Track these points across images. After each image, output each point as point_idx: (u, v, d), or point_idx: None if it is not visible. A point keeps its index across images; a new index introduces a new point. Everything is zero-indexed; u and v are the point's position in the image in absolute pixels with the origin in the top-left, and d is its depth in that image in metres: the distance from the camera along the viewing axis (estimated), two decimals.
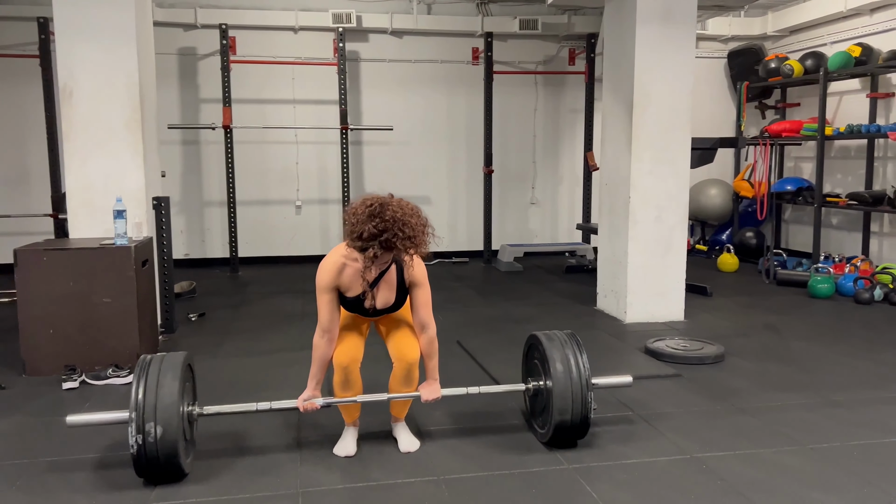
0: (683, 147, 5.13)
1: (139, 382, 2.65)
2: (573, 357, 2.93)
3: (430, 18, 8.02)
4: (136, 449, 2.58)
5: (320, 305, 2.78)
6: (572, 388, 2.86)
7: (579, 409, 2.87)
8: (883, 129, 6.44)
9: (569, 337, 3.03)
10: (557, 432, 2.90)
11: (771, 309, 5.66)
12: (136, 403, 2.60)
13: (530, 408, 3.19)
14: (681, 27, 5.00)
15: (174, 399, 2.63)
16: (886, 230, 7.08)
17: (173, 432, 2.60)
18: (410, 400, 3.01)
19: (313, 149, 8.11)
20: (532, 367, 3.13)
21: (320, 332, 2.80)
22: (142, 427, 2.57)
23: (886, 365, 4.13)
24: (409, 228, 2.53)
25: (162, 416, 2.59)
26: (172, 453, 2.61)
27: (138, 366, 2.73)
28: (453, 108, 8.33)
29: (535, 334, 3.09)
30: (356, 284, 2.78)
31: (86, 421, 2.77)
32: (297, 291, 6.53)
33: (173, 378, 2.68)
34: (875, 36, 7.07)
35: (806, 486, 2.62)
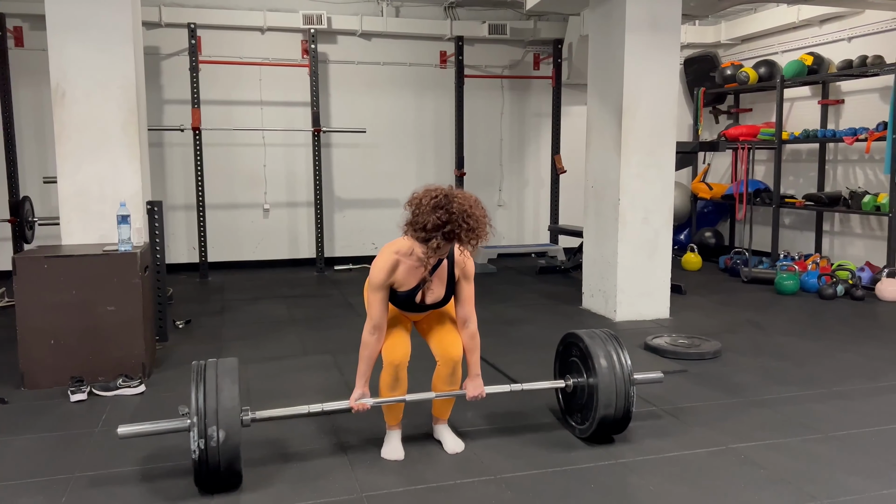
0: (669, 151, 5.33)
1: (198, 387, 2.60)
2: (615, 353, 3.02)
3: (399, 21, 8.03)
4: (199, 455, 2.53)
5: (372, 302, 2.77)
6: (616, 383, 2.96)
7: (623, 404, 2.97)
8: (838, 133, 6.83)
9: (609, 335, 3.12)
10: (601, 427, 2.99)
11: (745, 305, 5.93)
12: (197, 408, 2.54)
13: (566, 405, 3.26)
14: (666, 34, 5.19)
15: (235, 403, 2.59)
16: (837, 229, 7.51)
17: (235, 436, 2.56)
18: (454, 399, 3.04)
19: (281, 151, 8.00)
20: (570, 365, 3.20)
21: (371, 329, 2.80)
22: (204, 432, 2.52)
23: (872, 357, 4.40)
24: (474, 220, 2.54)
25: (224, 421, 2.54)
26: (234, 458, 2.57)
27: (194, 371, 2.69)
28: (422, 111, 8.37)
29: (574, 333, 3.18)
30: (410, 280, 2.79)
31: (139, 431, 2.68)
32: (277, 297, 6.42)
33: (232, 382, 2.64)
34: (824, 46, 7.50)
35: (841, 471, 2.79)
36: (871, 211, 6.50)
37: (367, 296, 2.80)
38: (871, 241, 7.11)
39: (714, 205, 8.74)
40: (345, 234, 8.25)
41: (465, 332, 2.92)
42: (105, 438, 3.17)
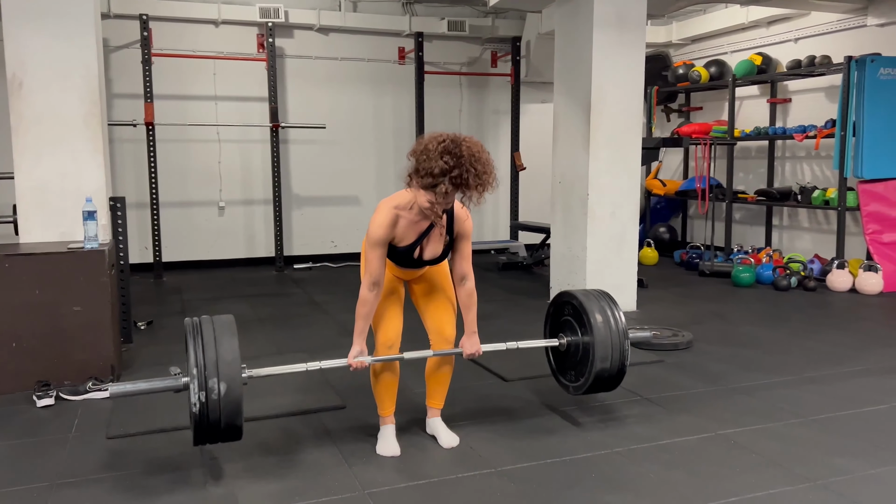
0: (635, 146, 5.42)
1: (195, 341, 2.52)
2: (609, 309, 3.08)
3: (357, 16, 7.94)
4: (199, 408, 2.45)
5: (371, 259, 2.70)
6: (611, 338, 3.02)
7: (618, 358, 3.03)
8: (788, 131, 7.08)
9: (601, 293, 3.18)
10: (596, 382, 3.06)
11: (706, 298, 6.08)
12: (196, 361, 2.46)
13: (559, 364, 3.30)
14: (632, 32, 5.28)
15: (236, 356, 2.52)
16: (786, 223, 7.78)
17: (237, 389, 2.49)
18: (447, 388, 3.03)
19: (236, 147, 7.81)
20: (563, 324, 3.24)
21: (369, 286, 2.72)
22: (204, 385, 2.44)
23: (834, 344, 4.57)
24: (482, 165, 2.50)
25: (225, 373, 2.48)
26: (236, 412, 2.50)
27: (189, 327, 2.60)
28: (380, 108, 8.29)
29: (567, 291, 3.25)
30: (409, 235, 2.74)
31: (130, 390, 2.59)
32: (239, 296, 6.26)
33: (231, 335, 2.57)
34: (771, 46, 7.75)
35: (828, 454, 2.88)
36: (820, 205, 6.75)
37: (366, 252, 2.73)
38: (818, 235, 7.39)
39: (667, 201, 8.94)
40: (303, 233, 8.11)
41: (462, 289, 2.89)
42: (81, 444, 3.02)
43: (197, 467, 2.79)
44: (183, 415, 3.31)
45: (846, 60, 6.31)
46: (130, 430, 3.15)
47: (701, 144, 6.90)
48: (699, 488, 2.58)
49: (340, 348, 4.50)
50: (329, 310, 5.73)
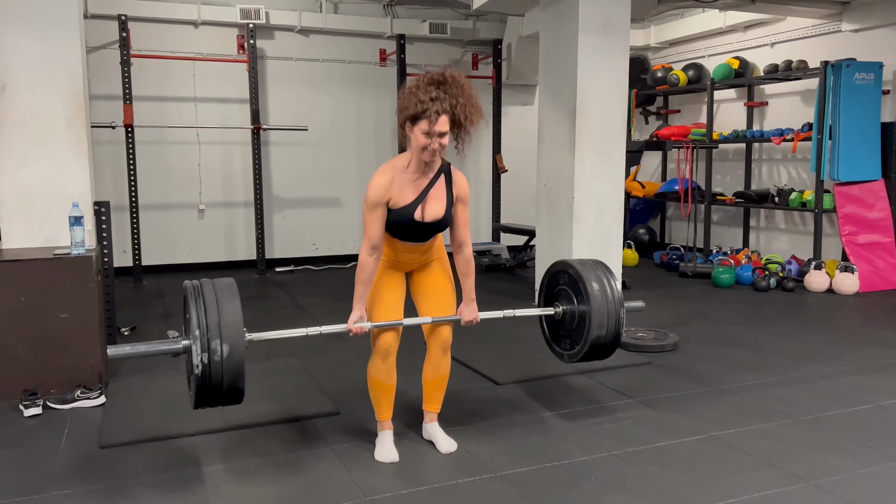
0: (620, 149, 5.47)
1: (197, 303, 2.50)
2: (605, 278, 3.12)
3: (338, 18, 7.91)
4: (202, 370, 2.43)
5: (370, 222, 2.72)
6: (608, 306, 3.05)
7: (614, 325, 3.07)
8: (766, 134, 7.20)
9: (597, 263, 3.22)
10: (592, 349, 3.10)
11: (688, 298, 6.16)
12: (199, 322, 2.45)
13: (553, 333, 3.34)
14: (617, 36, 5.33)
15: (238, 318, 2.52)
16: (763, 225, 7.91)
17: (240, 351, 2.48)
18: (444, 392, 3.04)
19: (216, 149, 7.73)
20: (559, 293, 3.27)
21: (369, 250, 2.74)
22: (207, 346, 2.42)
23: (817, 343, 4.66)
24: (466, 90, 2.65)
25: (228, 335, 2.46)
26: (239, 375, 2.50)
27: (189, 289, 2.59)
28: (362, 109, 8.27)
29: (563, 261, 3.29)
30: (407, 194, 2.75)
31: (130, 352, 2.59)
32: None
33: (233, 297, 2.56)
34: (748, 50, 7.88)
35: (820, 453, 2.94)
36: (797, 207, 6.88)
37: (364, 216, 2.74)
38: (795, 236, 7.52)
39: (646, 202, 9.03)
40: (284, 235, 8.05)
41: (460, 256, 2.93)
42: (74, 454, 2.97)
43: (195, 475, 2.76)
44: (175, 422, 3.28)
45: (822, 65, 6.43)
46: (123, 438, 3.11)
47: (684, 148, 6.98)
48: (698, 490, 2.62)
49: (329, 351, 4.52)
50: (314, 313, 5.70)
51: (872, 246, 6.48)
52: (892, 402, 3.54)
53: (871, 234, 6.48)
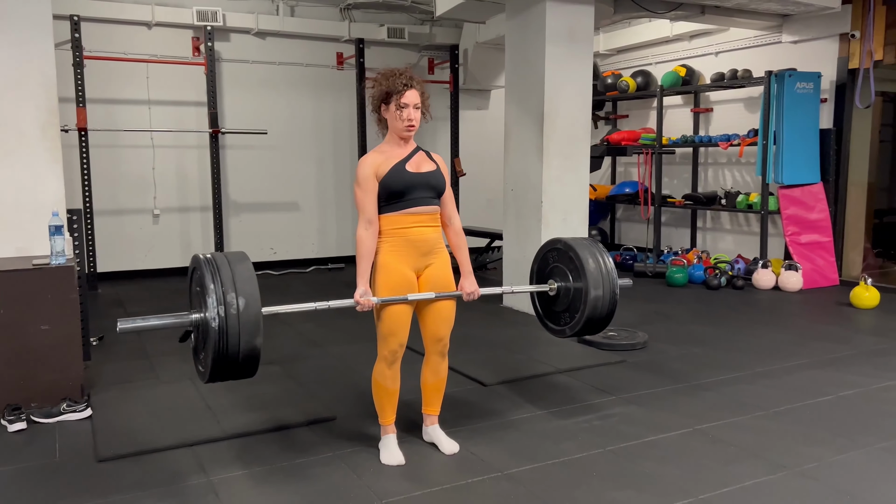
0: (584, 155, 5.66)
1: (208, 267, 2.51)
2: (599, 255, 3.26)
3: (296, 21, 7.88)
4: (218, 324, 2.42)
5: (362, 197, 2.84)
6: (603, 282, 3.19)
7: (609, 299, 3.21)
8: (714, 139, 7.54)
9: (591, 240, 3.36)
10: (587, 323, 3.23)
11: (647, 298, 6.41)
12: (213, 280, 2.45)
13: (546, 309, 3.46)
14: (581, 45, 5.51)
15: (252, 274, 2.55)
16: (709, 226, 8.28)
17: (256, 304, 2.49)
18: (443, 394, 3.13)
19: (171, 153, 7.59)
20: (552, 271, 3.39)
21: (365, 225, 2.85)
22: (222, 298, 2.42)
23: (774, 339, 4.94)
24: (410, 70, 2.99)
25: (242, 288, 2.47)
26: (255, 330, 2.49)
27: (200, 262, 2.58)
28: (319, 113, 8.25)
29: (557, 239, 3.41)
30: (393, 158, 2.89)
31: (141, 326, 2.57)
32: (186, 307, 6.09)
33: (243, 259, 2.61)
34: (694, 59, 8.23)
35: (797, 443, 3.15)
36: (744, 209, 7.24)
37: (357, 196, 2.87)
38: (739, 236, 7.90)
39: (596, 205, 9.28)
40: (241, 240, 7.96)
41: (451, 229, 3.07)
42: (71, 469, 2.93)
43: (204, 485, 2.76)
44: (171, 432, 3.26)
45: (767, 74, 6.79)
46: (120, 451, 3.07)
47: (643, 153, 7.24)
48: (695, 482, 2.78)
49: (309, 358, 4.54)
50: (285, 318, 5.67)
51: (813, 245, 6.88)
52: (851, 392, 3.81)
53: (811, 234, 6.87)
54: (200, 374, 2.66)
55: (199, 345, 2.65)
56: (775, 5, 6.35)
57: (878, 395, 3.76)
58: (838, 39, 6.81)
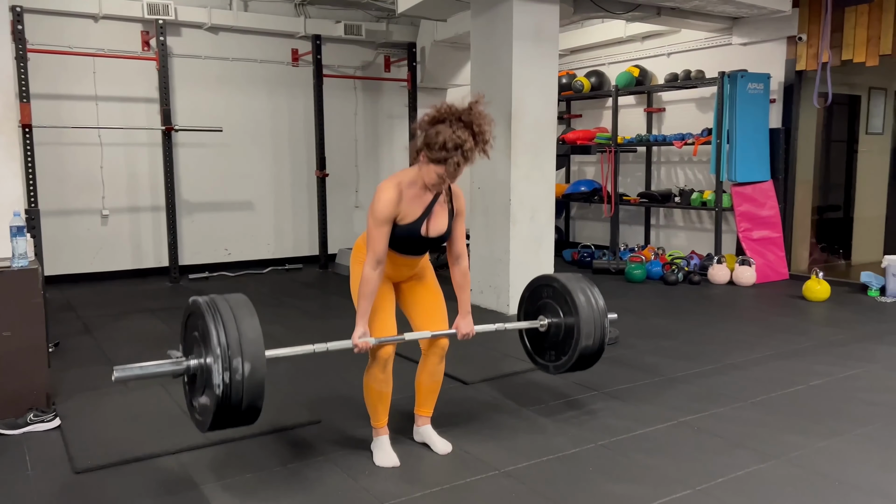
0: (551, 153, 5.71)
1: (214, 320, 2.40)
2: (589, 290, 3.27)
3: (250, 16, 7.70)
4: (223, 390, 2.34)
5: (376, 237, 2.70)
6: (594, 316, 3.20)
7: (599, 335, 3.23)
8: (668, 138, 7.71)
9: (578, 276, 3.38)
10: (580, 359, 3.23)
11: (609, 294, 6.37)
12: (219, 340, 2.36)
13: (536, 346, 3.45)
14: (547, 45, 5.55)
15: (258, 334, 2.45)
16: (663, 223, 8.47)
17: (261, 368, 2.42)
18: (437, 395, 3.09)
19: (120, 151, 7.31)
20: (542, 307, 3.39)
21: (373, 264, 2.72)
22: (229, 365, 2.34)
23: (736, 332, 5.09)
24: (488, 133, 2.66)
25: (249, 352, 2.39)
26: (259, 394, 2.43)
27: (203, 307, 2.46)
28: (275, 110, 8.09)
29: (546, 275, 3.42)
30: (414, 209, 2.76)
31: (137, 374, 2.45)
32: (143, 311, 5.89)
33: (250, 314, 2.49)
34: (646, 59, 8.40)
35: (779, 431, 3.24)
36: (698, 206, 7.42)
37: (370, 230, 2.72)
38: (692, 233, 8.11)
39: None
40: (195, 241, 7.73)
41: (458, 268, 2.97)
42: (49, 482, 2.78)
43: (195, 496, 2.66)
44: (151, 440, 3.13)
45: (720, 75, 6.98)
46: (100, 461, 2.93)
47: (606, 152, 7.35)
48: (688, 472, 2.83)
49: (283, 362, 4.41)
50: None
51: (764, 241, 7.11)
52: (819, 382, 3.94)
53: (763, 230, 7.10)
54: (197, 424, 2.55)
55: (194, 392, 2.55)
56: (730, 8, 6.54)
57: (845, 384, 3.91)
58: (786, 42, 7.05)
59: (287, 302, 6.25)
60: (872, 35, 6.36)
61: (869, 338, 4.88)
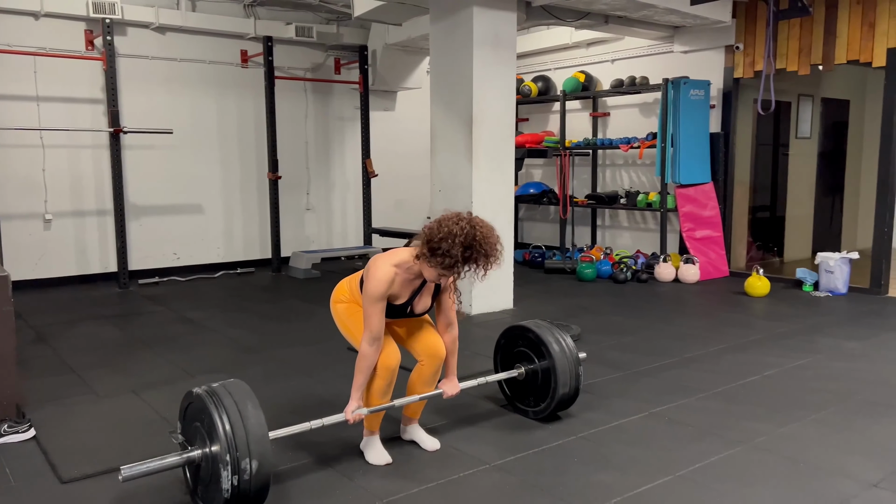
0: (510, 156, 5.85)
1: (220, 414, 2.39)
2: (561, 339, 3.39)
3: (198, 16, 7.57)
4: (232, 491, 2.34)
5: (371, 314, 2.77)
6: (568, 364, 3.32)
7: (574, 382, 3.35)
8: (615, 142, 7.98)
9: (550, 323, 3.48)
10: (559, 404, 3.34)
11: (564, 293, 6.71)
12: (226, 437, 2.36)
13: (515, 392, 3.54)
14: (505, 50, 5.69)
15: (265, 430, 2.44)
16: (608, 223, 8.75)
17: (268, 465, 2.42)
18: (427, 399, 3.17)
19: (63, 153, 7.09)
20: (518, 355, 3.49)
21: (370, 341, 2.78)
22: (237, 467, 2.34)
23: (689, 327, 5.34)
24: (495, 252, 2.71)
25: (256, 449, 2.39)
26: (264, 488, 2.43)
27: (206, 399, 2.45)
28: (224, 112, 7.98)
29: (518, 325, 3.50)
30: (404, 292, 2.88)
31: (144, 471, 2.40)
32: (97, 318, 5.75)
33: (254, 406, 2.48)
34: (591, 65, 8.67)
35: (742, 419, 3.45)
36: (644, 207, 7.72)
37: (365, 308, 2.79)
38: (636, 233, 8.42)
39: None
40: (142, 245, 7.55)
41: (448, 335, 3.06)
42: (36, 494, 2.73)
43: (185, 501, 2.65)
44: (135, 447, 3.10)
45: (664, 82, 7.28)
46: (87, 470, 2.88)
47: (562, 155, 7.54)
48: (667, 460, 2.99)
49: (251, 365, 4.41)
50: (210, 326, 5.48)
51: (706, 240, 7.46)
52: (772, 372, 4.20)
53: (705, 230, 7.44)
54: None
55: (199, 481, 2.54)
56: (675, 18, 6.84)
57: (796, 374, 4.17)
58: (724, 51, 7.41)
59: (246, 307, 6.19)
60: (804, 46, 6.76)
61: (810, 330, 5.21)
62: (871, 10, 6.30)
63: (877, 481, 2.79)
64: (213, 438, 2.41)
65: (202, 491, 2.53)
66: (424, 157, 9.49)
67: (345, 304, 3.08)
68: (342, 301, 3.08)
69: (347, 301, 3.07)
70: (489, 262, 2.70)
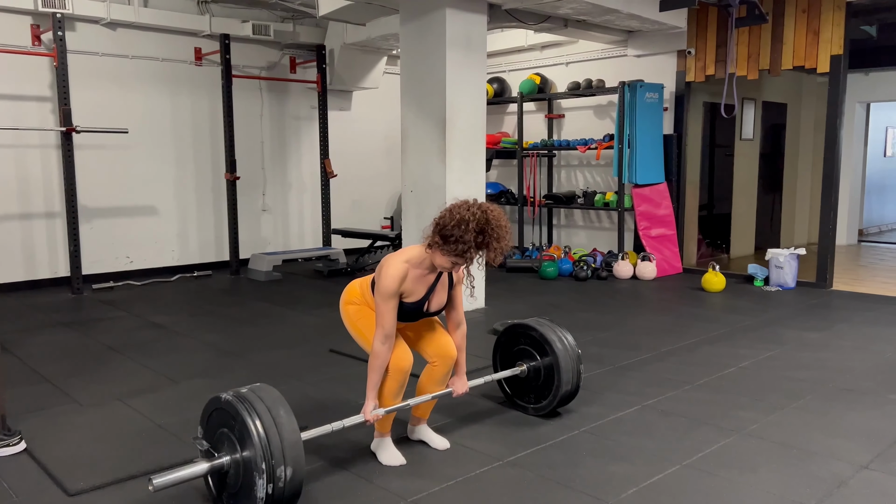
0: (481, 156, 5.92)
1: (253, 420, 2.35)
2: (563, 336, 3.46)
3: (151, 12, 7.36)
4: (266, 500, 2.31)
5: (383, 312, 2.77)
6: (570, 362, 3.40)
7: (575, 379, 3.43)
8: (572, 143, 8.16)
9: (551, 321, 3.55)
10: (561, 401, 3.41)
11: (531, 291, 6.82)
12: (261, 444, 2.32)
13: (516, 389, 3.60)
14: (476, 52, 5.75)
15: (298, 436, 2.41)
16: (564, 223, 8.94)
17: (301, 471, 2.40)
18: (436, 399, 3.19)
19: (9, 153, 6.78)
20: (520, 352, 3.55)
21: (383, 339, 2.79)
22: (272, 475, 2.31)
23: (658, 322, 5.53)
24: (505, 237, 2.75)
25: (290, 456, 2.36)
26: (297, 495, 2.41)
27: (237, 404, 2.40)
28: (178, 111, 7.77)
29: (520, 323, 3.54)
30: (418, 289, 2.88)
31: (175, 479, 2.35)
32: (58, 325, 5.52)
33: (287, 412, 2.45)
34: (546, 68, 8.83)
35: (729, 409, 3.61)
36: (601, 207, 7.92)
37: (378, 306, 2.80)
38: (592, 232, 8.63)
39: None
40: (94, 249, 7.28)
41: (458, 332, 3.09)
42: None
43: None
44: (140, 456, 3.02)
45: (620, 85, 7.49)
46: (94, 482, 2.79)
47: (530, 157, 7.64)
48: (670, 450, 3.11)
49: (235, 370, 4.33)
50: (181, 330, 5.33)
51: (661, 238, 7.71)
52: (747, 363, 4.40)
53: (660, 228, 7.70)
54: None
55: (225, 488, 2.49)
56: (635, 23, 7.05)
57: (768, 364, 4.38)
58: (676, 55, 7.68)
59: (213, 310, 6.05)
60: (753, 52, 7.08)
61: (770, 323, 5.47)
62: (815, 18, 6.65)
63: (866, 463, 2.97)
64: (244, 445, 2.37)
65: (228, 499, 2.48)
66: (380, 158, 9.51)
67: (356, 306, 3.07)
68: (353, 303, 3.07)
69: (359, 303, 3.06)
70: (500, 246, 2.72)
